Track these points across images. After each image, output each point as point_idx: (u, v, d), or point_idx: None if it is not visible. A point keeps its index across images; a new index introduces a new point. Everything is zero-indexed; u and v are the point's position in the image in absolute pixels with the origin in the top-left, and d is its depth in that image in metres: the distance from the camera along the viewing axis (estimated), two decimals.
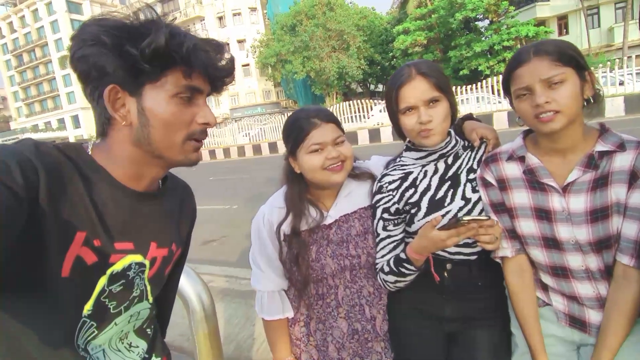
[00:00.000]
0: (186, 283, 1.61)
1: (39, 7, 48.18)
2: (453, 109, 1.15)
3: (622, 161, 0.94)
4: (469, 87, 15.54)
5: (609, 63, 14.07)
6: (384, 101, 1.32)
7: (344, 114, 18.04)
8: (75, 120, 48.26)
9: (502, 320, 1.14)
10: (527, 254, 1.11)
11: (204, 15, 39.64)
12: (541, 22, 24.57)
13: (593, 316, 1.03)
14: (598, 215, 0.96)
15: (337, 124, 1.17)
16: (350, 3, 30.08)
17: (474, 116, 1.30)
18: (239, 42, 39.34)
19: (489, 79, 15.75)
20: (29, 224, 0.57)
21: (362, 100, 18.23)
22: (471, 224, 0.97)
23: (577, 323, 1.06)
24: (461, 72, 23.70)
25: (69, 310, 0.66)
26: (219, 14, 39.65)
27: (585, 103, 0.98)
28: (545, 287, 1.12)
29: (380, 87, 37.71)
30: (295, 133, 1.15)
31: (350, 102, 18.53)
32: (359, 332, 1.21)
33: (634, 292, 0.93)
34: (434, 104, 1.10)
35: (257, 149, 18.47)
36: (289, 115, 1.24)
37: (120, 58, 0.65)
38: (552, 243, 1.04)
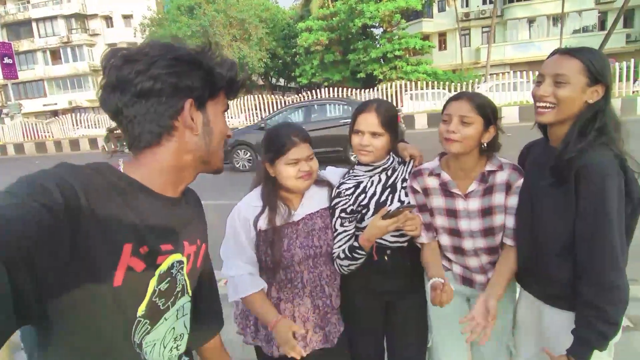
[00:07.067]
0: None
1: None
2: (393, 141, 1.53)
3: (501, 176, 1.42)
4: (365, 90, 16.79)
5: (476, 80, 16.72)
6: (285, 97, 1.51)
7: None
8: None
9: (424, 292, 1.58)
10: (437, 240, 1.55)
11: None
12: (426, 37, 27.58)
13: (478, 278, 1.52)
14: (486, 212, 1.44)
15: (311, 142, 1.46)
16: None
17: (404, 140, 1.72)
18: (125, 17, 35.42)
19: (383, 85, 17.25)
20: (74, 242, 0.59)
21: (264, 95, 18.08)
22: (405, 211, 1.35)
23: (467, 283, 1.55)
24: (358, 75, 25.16)
25: (125, 314, 0.71)
26: None
27: (484, 145, 1.40)
28: (448, 260, 1.58)
29: (282, 82, 37.87)
30: (276, 146, 1.41)
31: (250, 96, 18.04)
32: (320, 307, 1.51)
33: (513, 261, 1.42)
34: (376, 136, 1.47)
35: None
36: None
37: (207, 76, 0.77)
38: (455, 232, 1.50)
